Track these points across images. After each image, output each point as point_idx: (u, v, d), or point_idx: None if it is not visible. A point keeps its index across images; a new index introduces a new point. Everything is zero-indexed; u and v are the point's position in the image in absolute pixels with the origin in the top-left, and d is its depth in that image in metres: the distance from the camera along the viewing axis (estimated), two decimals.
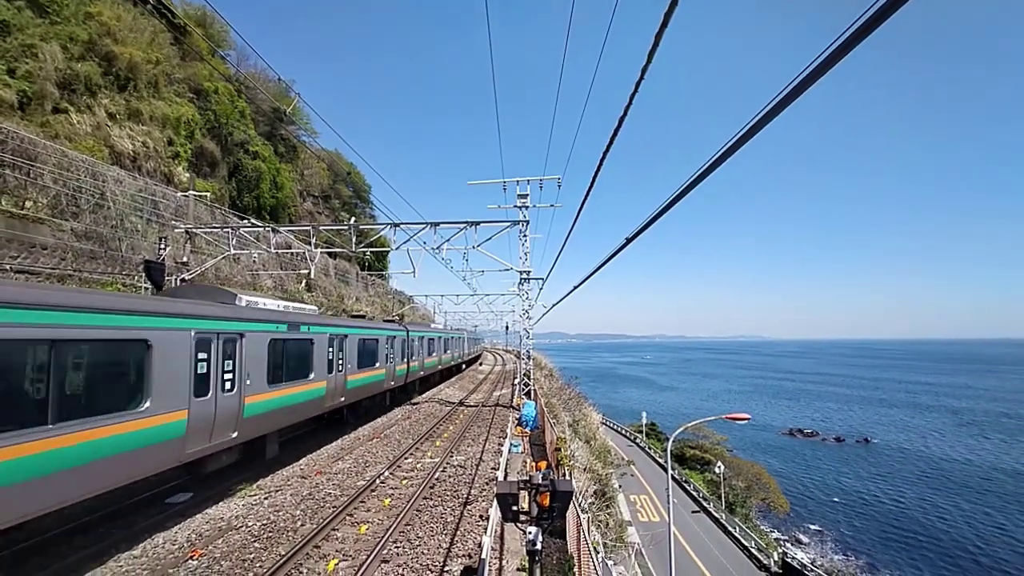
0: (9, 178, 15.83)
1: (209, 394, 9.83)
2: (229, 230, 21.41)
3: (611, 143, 6.30)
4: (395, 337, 23.23)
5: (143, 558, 8.18)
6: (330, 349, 15.81)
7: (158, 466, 8.68)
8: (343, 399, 16.94)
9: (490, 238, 21.18)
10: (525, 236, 23.43)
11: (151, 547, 8.57)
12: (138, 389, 8.31)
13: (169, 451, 8.85)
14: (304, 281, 33.06)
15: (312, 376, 14.53)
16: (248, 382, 11.11)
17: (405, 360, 25.07)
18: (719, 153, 4.27)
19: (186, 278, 20.26)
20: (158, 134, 24.75)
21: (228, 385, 10.47)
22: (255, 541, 8.87)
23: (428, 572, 7.83)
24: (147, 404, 8.33)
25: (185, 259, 20.71)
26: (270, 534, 9.18)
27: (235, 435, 10.63)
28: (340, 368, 16.60)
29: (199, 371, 9.56)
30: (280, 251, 24.57)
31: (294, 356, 13.64)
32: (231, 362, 10.62)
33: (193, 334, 9.41)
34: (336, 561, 8.14)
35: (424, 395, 30.27)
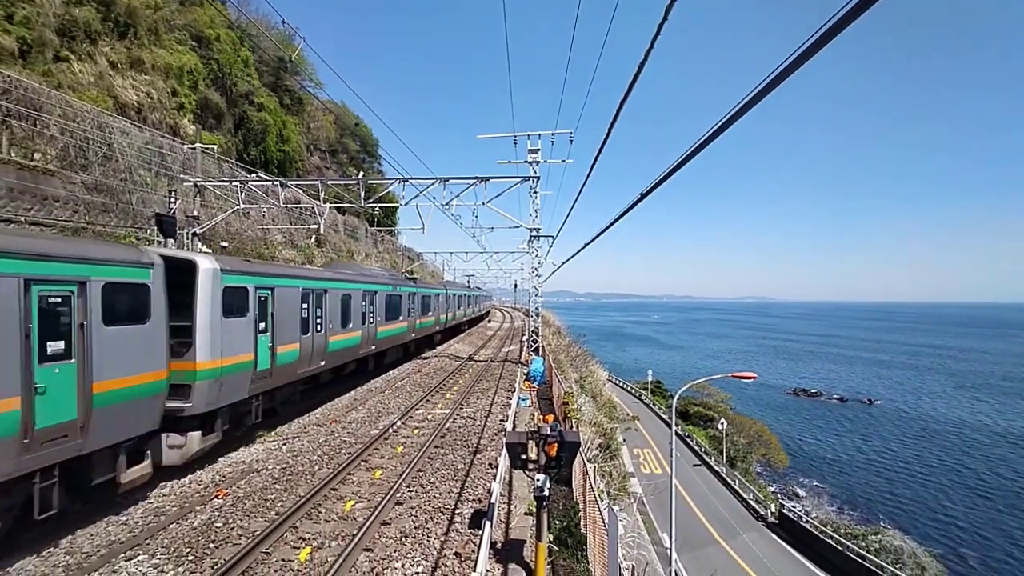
0: (16, 128, 15.70)
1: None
2: (238, 184, 21.28)
3: (627, 95, 6.04)
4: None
5: (171, 496, 8.67)
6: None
7: None
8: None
9: (500, 194, 20.94)
10: (535, 192, 23.06)
11: (178, 487, 9.06)
12: None
13: None
14: (314, 236, 33.12)
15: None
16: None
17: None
18: (737, 108, 4.08)
19: (197, 232, 20.34)
20: (161, 84, 24.20)
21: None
22: (276, 483, 9.34)
23: (440, 515, 8.24)
24: None
25: (196, 213, 20.73)
26: (289, 477, 9.65)
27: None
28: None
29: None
30: (289, 206, 24.49)
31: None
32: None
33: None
34: (352, 503, 8.57)
35: (435, 350, 30.87)
